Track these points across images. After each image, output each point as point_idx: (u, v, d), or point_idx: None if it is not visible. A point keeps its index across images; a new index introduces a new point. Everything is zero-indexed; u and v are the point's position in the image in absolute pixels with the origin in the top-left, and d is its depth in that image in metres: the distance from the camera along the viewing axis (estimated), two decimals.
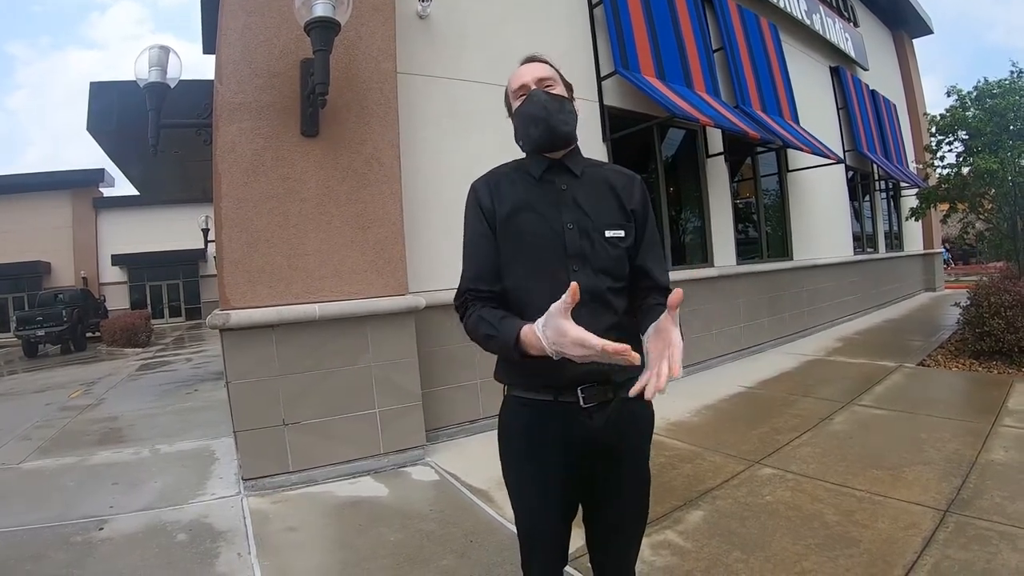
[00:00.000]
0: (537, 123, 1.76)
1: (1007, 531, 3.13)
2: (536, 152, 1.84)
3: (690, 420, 5.70)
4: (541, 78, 1.82)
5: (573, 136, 1.82)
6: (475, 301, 1.78)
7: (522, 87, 1.83)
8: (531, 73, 1.83)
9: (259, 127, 4.60)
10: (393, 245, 4.99)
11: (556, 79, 1.85)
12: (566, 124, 1.79)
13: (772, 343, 9.44)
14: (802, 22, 11.51)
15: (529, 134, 1.80)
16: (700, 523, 3.53)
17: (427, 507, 4.05)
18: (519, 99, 1.83)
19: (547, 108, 1.76)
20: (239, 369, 4.44)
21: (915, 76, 17.78)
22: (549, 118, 1.75)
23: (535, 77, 1.82)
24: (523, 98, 1.81)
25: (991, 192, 8.94)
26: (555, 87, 1.82)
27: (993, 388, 6.15)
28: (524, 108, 1.80)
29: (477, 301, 1.77)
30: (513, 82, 1.86)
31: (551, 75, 1.84)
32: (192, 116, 5.22)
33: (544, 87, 1.80)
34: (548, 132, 1.76)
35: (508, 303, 1.78)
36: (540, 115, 1.76)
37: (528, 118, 1.78)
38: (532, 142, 1.81)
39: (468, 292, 1.80)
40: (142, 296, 31.89)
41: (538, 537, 1.87)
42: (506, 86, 1.92)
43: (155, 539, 3.72)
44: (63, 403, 9.07)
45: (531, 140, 1.81)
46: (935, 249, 17.83)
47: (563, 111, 1.79)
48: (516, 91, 1.84)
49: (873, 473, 4.07)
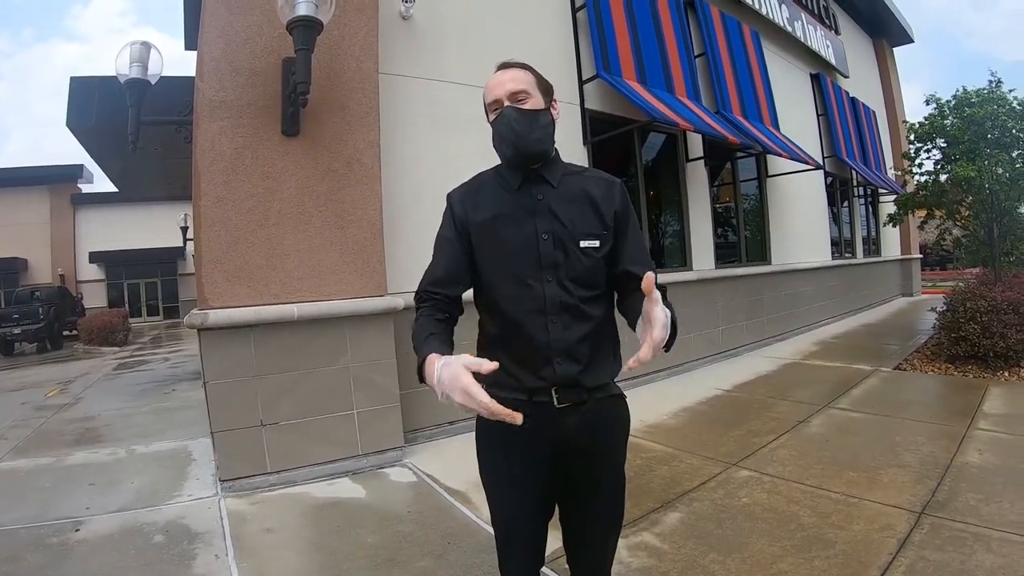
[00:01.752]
0: (507, 144, 1.76)
1: (981, 532, 3.17)
2: (509, 168, 1.84)
3: (667, 422, 5.73)
4: (514, 91, 1.77)
5: (545, 154, 1.81)
6: (426, 302, 1.80)
7: (495, 102, 1.79)
8: (504, 86, 1.78)
9: (240, 125, 4.57)
10: (372, 246, 4.97)
11: (531, 88, 1.80)
12: (538, 142, 1.77)
13: (750, 346, 9.52)
14: (784, 29, 11.63)
15: (502, 151, 1.80)
16: (677, 525, 3.54)
17: (405, 508, 4.04)
18: (493, 113, 1.81)
19: (515, 130, 1.74)
20: (217, 369, 4.41)
21: (895, 84, 18.00)
22: (517, 141, 1.74)
23: (507, 91, 1.77)
24: (496, 112, 1.79)
25: (968, 199, 9.06)
26: (529, 99, 1.78)
27: (968, 392, 6.23)
28: (496, 126, 1.78)
29: (428, 302, 1.80)
30: (487, 94, 1.82)
31: (525, 85, 1.79)
32: (173, 113, 5.18)
33: (517, 101, 1.76)
34: (517, 154, 1.76)
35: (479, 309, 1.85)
36: (509, 137, 1.74)
37: (500, 137, 1.77)
38: (504, 160, 1.82)
39: (423, 292, 1.82)
40: (120, 294, 31.64)
41: (515, 538, 1.88)
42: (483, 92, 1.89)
43: (132, 540, 3.68)
44: (39, 402, 8.97)
45: (503, 158, 1.82)
46: (913, 255, 18.04)
47: (535, 128, 1.76)
48: (490, 105, 1.82)
49: (849, 475, 4.12)
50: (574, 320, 1.74)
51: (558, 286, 1.72)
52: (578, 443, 1.77)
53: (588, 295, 1.76)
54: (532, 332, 1.72)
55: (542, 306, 1.72)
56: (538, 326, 1.72)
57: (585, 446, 1.78)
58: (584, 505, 1.88)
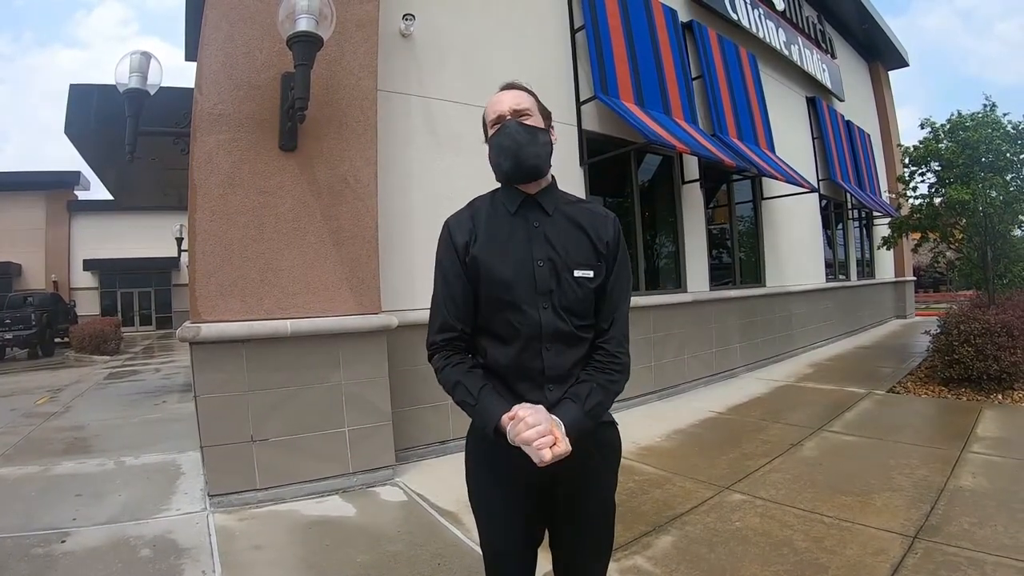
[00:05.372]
0: (507, 155, 1.77)
1: (975, 557, 3.17)
2: (507, 183, 1.85)
3: (660, 444, 5.71)
4: (517, 109, 1.80)
5: (542, 170, 1.82)
6: (451, 343, 1.81)
7: (498, 117, 1.82)
8: (507, 103, 1.81)
9: (237, 139, 4.57)
10: (367, 263, 4.96)
11: (533, 109, 1.83)
12: (536, 157, 1.79)
13: (744, 368, 9.52)
14: (780, 52, 11.73)
15: (500, 165, 1.81)
16: (669, 548, 3.52)
17: (395, 528, 4.01)
18: (494, 128, 1.82)
19: (517, 141, 1.76)
20: (208, 383, 4.38)
21: (890, 107, 18.15)
22: (519, 151, 1.76)
23: (511, 108, 1.80)
24: (497, 127, 1.81)
25: (962, 222, 9.11)
26: (531, 118, 1.81)
27: (962, 415, 6.23)
28: (497, 139, 1.80)
29: (455, 343, 1.81)
30: (489, 111, 1.85)
31: (528, 105, 1.82)
32: (171, 123, 5.18)
33: (519, 118, 1.79)
34: (516, 165, 1.77)
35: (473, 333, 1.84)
36: (510, 147, 1.76)
37: (499, 149, 1.79)
38: (502, 173, 1.82)
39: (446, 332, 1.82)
40: (113, 303, 31.50)
41: (504, 562, 1.87)
42: (484, 111, 1.91)
43: (118, 554, 3.64)
44: (28, 409, 8.91)
45: (501, 171, 1.82)
46: (907, 277, 18.11)
47: (535, 143, 1.79)
48: (492, 120, 1.83)
49: (842, 499, 4.10)
50: (567, 347, 1.74)
51: (553, 313, 1.72)
52: (568, 470, 1.74)
53: (580, 323, 1.77)
54: (526, 358, 1.72)
55: (537, 333, 1.71)
56: (532, 352, 1.72)
57: (575, 473, 1.76)
58: (574, 530, 1.87)
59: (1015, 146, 8.32)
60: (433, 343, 1.84)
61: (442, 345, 1.82)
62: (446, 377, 1.78)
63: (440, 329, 1.82)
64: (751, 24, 10.78)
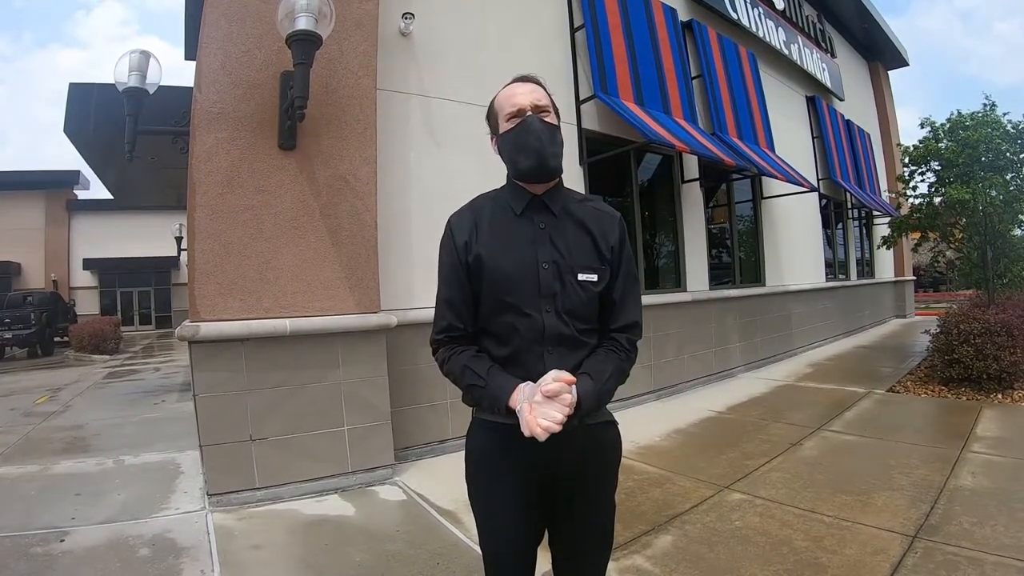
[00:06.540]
0: (529, 154, 1.72)
1: (975, 556, 3.16)
2: (520, 180, 1.80)
3: (660, 444, 5.70)
4: (538, 105, 1.75)
5: (560, 170, 1.78)
6: (455, 340, 1.80)
7: (518, 111, 1.75)
8: (528, 96, 1.75)
9: (237, 138, 4.56)
10: (366, 262, 4.96)
11: (551, 106, 1.79)
12: (556, 157, 1.75)
13: (744, 368, 9.51)
14: (780, 52, 11.72)
15: (517, 163, 1.75)
16: (669, 548, 3.52)
17: (394, 527, 4.00)
18: (511, 121, 1.77)
19: (542, 140, 1.71)
20: (207, 382, 4.38)
21: (890, 107, 18.15)
22: (543, 150, 1.71)
23: (532, 103, 1.74)
24: (517, 121, 1.75)
25: (962, 221, 9.13)
26: (549, 115, 1.77)
27: (962, 414, 6.22)
28: (517, 135, 1.74)
29: (458, 339, 1.80)
30: (506, 103, 1.78)
31: (547, 103, 1.77)
32: (170, 122, 5.17)
33: (540, 114, 1.74)
34: (539, 165, 1.72)
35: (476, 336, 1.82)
36: (534, 146, 1.71)
37: (520, 146, 1.73)
38: (519, 171, 1.77)
39: (449, 330, 1.81)
40: (112, 302, 31.48)
41: (503, 561, 1.85)
42: (491, 102, 1.85)
43: (117, 553, 3.63)
44: (28, 409, 8.91)
45: (518, 169, 1.77)
46: (906, 276, 18.11)
47: (554, 143, 1.75)
48: (510, 113, 1.76)
49: (842, 499, 4.10)
50: (569, 351, 1.73)
51: (556, 317, 1.71)
52: (568, 469, 1.75)
53: (583, 327, 1.75)
54: (528, 361, 1.71)
55: (540, 336, 1.70)
56: (534, 355, 1.71)
57: (575, 472, 1.76)
58: (573, 529, 1.85)
59: (1015, 145, 8.34)
60: (436, 340, 1.84)
61: (445, 341, 1.82)
62: (452, 365, 1.77)
63: (442, 329, 1.82)
64: (751, 23, 10.77)
